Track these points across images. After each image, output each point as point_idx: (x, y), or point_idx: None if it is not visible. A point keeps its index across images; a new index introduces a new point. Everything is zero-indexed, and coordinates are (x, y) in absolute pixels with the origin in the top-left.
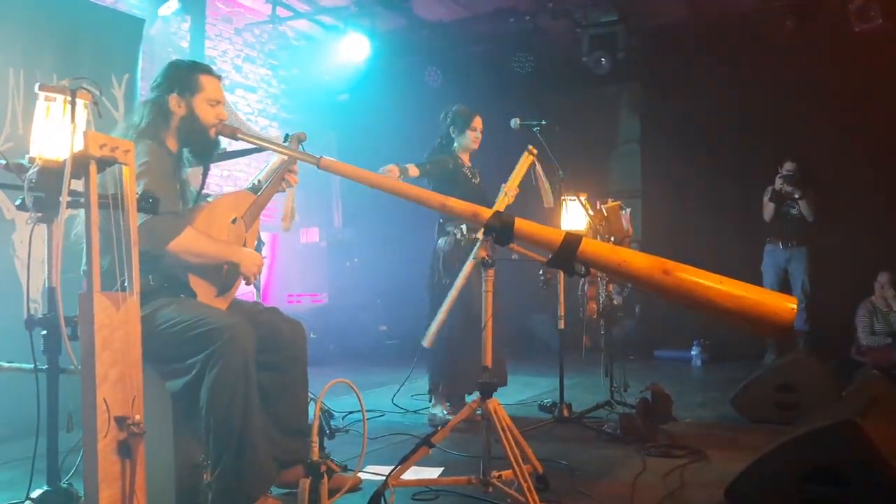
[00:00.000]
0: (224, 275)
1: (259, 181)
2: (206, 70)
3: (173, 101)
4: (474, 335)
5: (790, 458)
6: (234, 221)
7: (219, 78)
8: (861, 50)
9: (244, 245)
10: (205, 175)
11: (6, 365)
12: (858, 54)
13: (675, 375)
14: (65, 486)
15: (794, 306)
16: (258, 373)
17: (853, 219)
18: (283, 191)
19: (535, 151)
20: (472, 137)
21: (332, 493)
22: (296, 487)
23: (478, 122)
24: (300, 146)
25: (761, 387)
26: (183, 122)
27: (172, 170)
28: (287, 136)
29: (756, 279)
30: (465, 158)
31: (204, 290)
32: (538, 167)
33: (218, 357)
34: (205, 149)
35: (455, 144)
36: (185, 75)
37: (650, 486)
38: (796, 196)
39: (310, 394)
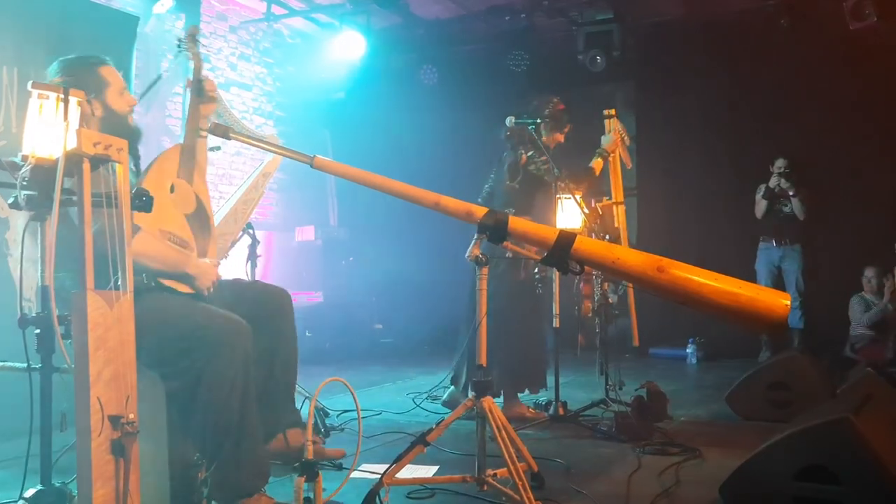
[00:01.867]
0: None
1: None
2: (101, 61)
3: (88, 105)
4: (535, 330)
5: (784, 455)
6: (172, 190)
7: (108, 63)
8: (855, 48)
9: (198, 198)
10: (137, 161)
11: None
12: (853, 53)
13: (670, 373)
14: (58, 485)
15: (788, 303)
16: None
17: (848, 217)
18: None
19: (613, 112)
20: (558, 140)
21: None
22: (279, 460)
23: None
24: (194, 42)
25: (756, 385)
26: (103, 122)
27: None
28: (179, 41)
29: (750, 277)
30: None
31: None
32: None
33: (217, 354)
34: (129, 139)
35: (544, 136)
36: (87, 75)
37: (645, 484)
38: (791, 194)
39: (305, 392)
